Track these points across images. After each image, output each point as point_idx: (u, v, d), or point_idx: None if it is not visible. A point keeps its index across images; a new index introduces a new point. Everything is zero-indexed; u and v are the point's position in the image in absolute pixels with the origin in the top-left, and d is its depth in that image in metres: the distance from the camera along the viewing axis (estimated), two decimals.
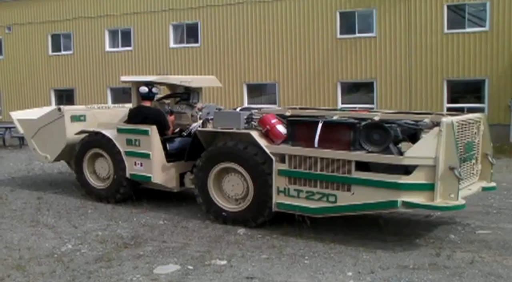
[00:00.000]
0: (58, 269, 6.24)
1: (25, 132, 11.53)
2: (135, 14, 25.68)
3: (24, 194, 10.69)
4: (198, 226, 8.03)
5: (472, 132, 7.41)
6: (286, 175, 7.57)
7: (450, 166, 6.59)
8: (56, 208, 9.43)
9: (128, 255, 6.70)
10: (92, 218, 8.66)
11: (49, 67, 28.20)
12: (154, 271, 6.14)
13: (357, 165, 7.02)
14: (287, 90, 22.95)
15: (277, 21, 22.85)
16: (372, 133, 6.95)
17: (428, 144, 6.69)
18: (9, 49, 29.35)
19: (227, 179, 8.17)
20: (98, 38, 26.81)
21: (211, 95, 24.10)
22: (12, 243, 7.30)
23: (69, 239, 7.45)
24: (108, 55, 26.67)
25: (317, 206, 7.37)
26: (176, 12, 24.83)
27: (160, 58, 25.34)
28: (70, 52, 27.69)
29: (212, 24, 24.14)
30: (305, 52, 22.45)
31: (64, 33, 27.77)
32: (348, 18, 21.89)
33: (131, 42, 26.06)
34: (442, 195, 6.66)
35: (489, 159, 7.82)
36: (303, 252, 6.75)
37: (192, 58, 24.67)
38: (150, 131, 9.13)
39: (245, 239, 7.37)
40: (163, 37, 25.19)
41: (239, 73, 23.79)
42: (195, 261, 6.46)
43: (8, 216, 8.89)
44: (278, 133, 7.70)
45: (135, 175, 9.43)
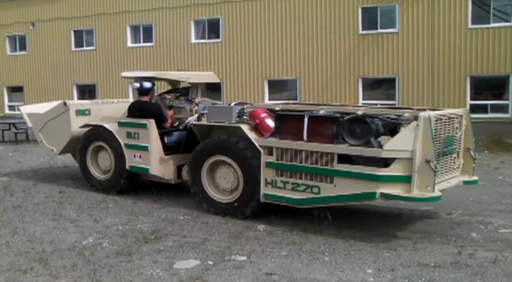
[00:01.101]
0: (79, 262, 6.30)
1: (33, 125, 11.88)
2: (157, 9, 25.78)
3: (47, 188, 10.81)
4: (218, 222, 8.04)
5: (453, 127, 7.59)
6: (273, 167, 7.83)
7: (427, 159, 6.79)
8: (77, 202, 9.52)
9: (148, 250, 6.73)
10: (113, 212, 8.72)
11: (72, 63, 28.46)
12: (174, 266, 6.16)
13: (340, 158, 7.23)
14: (308, 86, 22.87)
15: (299, 17, 22.77)
16: (354, 127, 7.17)
17: (405, 138, 6.88)
18: (33, 45, 29.68)
19: (219, 171, 8.48)
20: (119, 34, 26.98)
21: (232, 91, 24.17)
22: (35, 236, 7.38)
23: (90, 233, 7.51)
24: (130, 51, 26.82)
25: (302, 197, 7.61)
26: (197, 7, 24.87)
27: (181, 53, 25.42)
28: (92, 48, 27.91)
29: (233, 20, 24.14)
30: (327, 48, 22.35)
31: (87, 29, 28.00)
32: (370, 14, 21.72)
33: (153, 38, 26.17)
34: (419, 187, 6.85)
35: (471, 153, 8.00)
36: (323, 249, 6.72)
37: (214, 53, 24.70)
38: (148, 125, 9.46)
39: (264, 235, 7.36)
40: (185, 33, 25.26)
41: (260, 69, 23.76)
42: (215, 257, 6.46)
43: (31, 209, 9.00)
44: (267, 127, 7.95)
45: (134, 166, 9.75)
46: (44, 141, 11.60)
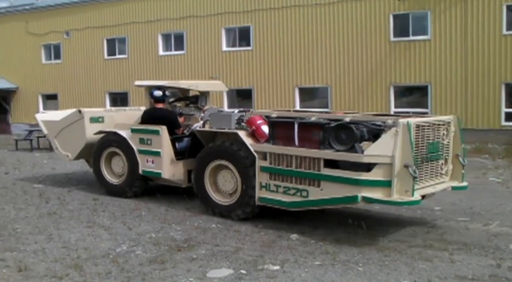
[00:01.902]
0: (113, 269, 6.33)
1: (49, 132, 12.29)
2: (188, 18, 26.01)
3: (81, 195, 10.93)
4: (250, 230, 8.02)
5: (438, 134, 7.73)
6: (267, 171, 8.17)
7: (405, 164, 6.97)
8: (111, 209, 9.60)
9: (182, 258, 6.74)
10: (146, 220, 8.77)
11: (104, 71, 28.89)
12: (207, 275, 6.15)
13: (327, 163, 7.50)
14: (339, 94, 22.78)
15: (330, 24, 22.73)
16: (340, 133, 7.42)
17: (385, 143, 7.08)
18: (67, 53, 30.21)
19: (220, 175, 8.90)
20: (151, 42, 27.29)
21: (263, 98, 24.20)
22: (70, 243, 7.46)
23: (123, 241, 7.55)
24: (161, 59, 27.10)
25: (292, 200, 7.91)
26: (228, 15, 25.01)
27: (212, 61, 25.57)
28: (124, 56, 28.29)
29: (264, 28, 24.21)
30: (358, 55, 22.25)
31: (119, 38, 28.40)
32: (402, 21, 21.57)
33: (184, 46, 26.40)
34: (399, 191, 7.05)
35: (460, 159, 8.14)
36: (357, 259, 6.64)
37: (244, 61, 24.79)
38: (160, 131, 9.88)
39: (298, 244, 7.31)
40: (216, 41, 25.42)
41: (291, 77, 23.76)
42: (248, 266, 6.44)
43: (65, 216, 9.11)
44: (262, 133, 8.34)
45: (147, 171, 10.16)
46: (59, 147, 12.01)
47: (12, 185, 12.28)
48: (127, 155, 10.44)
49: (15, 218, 9.04)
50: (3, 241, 7.59)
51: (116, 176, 10.88)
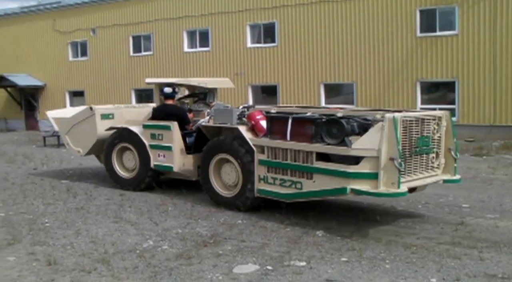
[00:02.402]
0: (140, 264, 6.38)
1: (60, 129, 12.70)
2: (213, 15, 26.05)
3: (107, 190, 11.04)
4: (276, 226, 8.01)
5: (428, 128, 7.91)
6: (265, 164, 8.50)
7: (391, 157, 7.17)
8: (137, 204, 9.68)
9: (208, 253, 6.75)
10: (172, 215, 8.81)
11: (130, 68, 29.10)
12: (234, 270, 6.15)
13: (319, 156, 7.78)
14: (365, 90, 22.62)
15: (355, 20, 22.56)
16: (331, 127, 7.68)
17: (372, 137, 7.29)
18: (93, 50, 30.51)
19: (224, 168, 9.27)
20: (176, 39, 27.41)
21: (288, 95, 24.15)
22: (97, 238, 7.54)
23: (150, 236, 7.60)
24: (186, 56, 27.21)
25: (287, 192, 8.22)
26: (253, 12, 24.99)
27: (237, 58, 25.59)
28: (150, 53, 28.46)
29: (289, 24, 24.14)
30: (384, 51, 22.05)
31: (145, 35, 28.57)
32: (429, 16, 21.30)
33: (209, 43, 26.45)
34: (385, 183, 7.26)
35: (452, 153, 8.33)
36: (384, 256, 6.58)
37: (269, 58, 24.76)
38: (172, 127, 10.26)
39: (324, 240, 7.28)
40: (240, 37, 25.42)
41: (316, 73, 23.66)
42: (274, 262, 6.43)
43: (93, 211, 9.21)
44: (261, 128, 8.72)
45: (158, 165, 10.55)
46: (70, 143, 12.36)
47: (40, 180, 12.46)
48: (138, 150, 10.81)
49: (43, 212, 9.17)
50: (32, 235, 7.70)
51: (127, 170, 11.25)
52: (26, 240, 7.44)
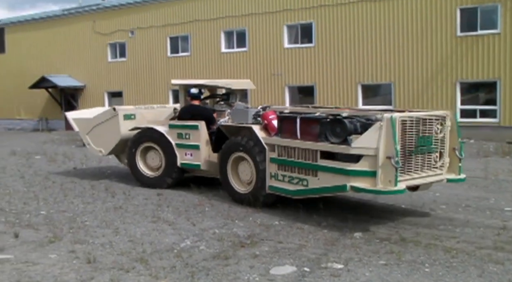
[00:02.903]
0: (177, 264, 6.42)
1: (80, 130, 12.91)
2: (250, 15, 26.11)
3: (145, 190, 11.14)
4: (314, 228, 7.96)
5: (430, 128, 8.02)
6: (275, 162, 8.88)
7: (388, 156, 7.40)
8: (175, 204, 9.74)
9: (245, 254, 6.75)
10: (210, 216, 8.85)
11: (168, 69, 29.38)
12: (271, 272, 6.13)
13: (323, 154, 8.07)
14: (403, 90, 22.34)
15: (393, 19, 22.32)
16: (335, 127, 7.97)
17: (371, 136, 7.53)
18: (131, 51, 30.91)
19: (241, 166, 9.65)
20: (214, 39, 27.56)
21: (325, 95, 24.02)
22: (136, 237, 7.61)
23: (187, 236, 7.64)
24: (224, 56, 27.32)
25: (295, 188, 8.56)
26: (290, 12, 24.95)
27: (274, 58, 25.58)
28: (187, 54, 28.68)
29: (326, 24, 24.02)
30: (423, 51, 21.75)
31: (182, 36, 28.82)
32: (470, 15, 20.92)
33: (246, 43, 26.51)
34: (383, 181, 7.49)
35: (457, 153, 8.40)
36: (423, 259, 6.47)
37: (306, 58, 24.68)
38: (199, 126, 10.63)
39: (362, 243, 7.20)
40: (277, 38, 25.41)
41: (354, 73, 23.48)
42: (311, 263, 6.39)
43: (131, 210, 9.31)
44: (273, 127, 9.03)
45: (185, 163, 10.92)
46: (91, 143, 12.67)
47: (80, 179, 12.66)
48: (164, 149, 11.14)
49: (83, 211, 9.32)
50: (73, 233, 7.83)
51: (151, 169, 11.56)
52: (66, 238, 7.57)
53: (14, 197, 10.69)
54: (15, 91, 36.01)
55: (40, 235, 7.77)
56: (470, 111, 21.03)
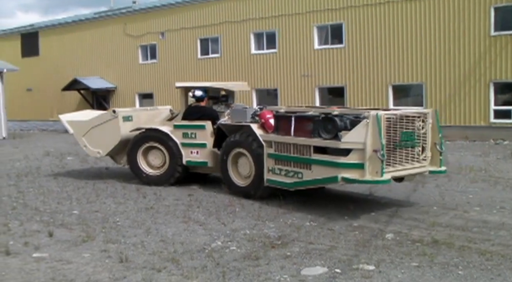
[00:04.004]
0: (209, 264, 6.44)
1: (76, 132, 13.20)
2: (280, 16, 26.10)
3: (176, 191, 11.22)
4: (345, 229, 7.92)
5: (413, 125, 8.73)
6: (273, 157, 9.64)
7: (374, 149, 8.13)
8: (205, 205, 9.79)
9: (275, 255, 6.75)
10: (240, 216, 8.86)
11: (198, 70, 29.54)
12: (302, 272, 6.11)
13: (316, 149, 8.83)
14: (434, 91, 22.07)
15: (424, 19, 22.06)
16: (326, 124, 8.77)
17: (358, 132, 8.27)
18: (162, 53, 31.17)
19: (240, 161, 10.38)
20: (244, 41, 27.62)
21: (356, 96, 23.88)
22: (167, 237, 7.67)
23: (218, 236, 7.67)
24: (253, 58, 27.36)
25: (291, 181, 9.31)
26: (320, 13, 24.87)
27: (304, 59, 25.52)
28: (217, 56, 28.79)
29: (356, 25, 23.87)
30: (455, 50, 21.45)
31: (212, 37, 28.95)
32: (504, 14, 20.55)
33: (276, 44, 26.50)
34: (371, 172, 8.24)
35: (437, 147, 9.11)
36: (456, 262, 6.37)
37: (336, 59, 24.56)
38: (206, 126, 11.28)
39: (393, 244, 7.13)
40: (307, 39, 25.34)
41: (384, 74, 23.29)
42: (343, 265, 6.35)
43: (162, 211, 9.38)
44: (270, 125, 9.80)
45: (191, 161, 11.51)
46: (88, 144, 12.97)
47: (111, 180, 12.81)
48: (168, 148, 11.66)
49: (115, 211, 9.43)
50: (105, 233, 7.92)
51: (153, 167, 12.03)
52: (99, 238, 7.67)
53: (48, 197, 10.87)
54: (49, 93, 36.67)
55: (73, 234, 7.89)
56: (504, 112, 20.66)
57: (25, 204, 10.25)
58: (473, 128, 21.09)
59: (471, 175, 12.48)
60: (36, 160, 17.41)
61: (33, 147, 22.52)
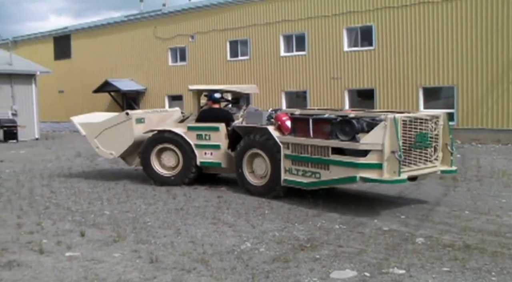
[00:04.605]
0: (238, 266, 6.46)
1: (88, 133, 13.43)
2: (310, 19, 26.05)
3: (205, 193, 11.29)
4: (374, 232, 7.86)
5: (426, 126, 9.22)
6: (290, 158, 10.01)
7: (392, 150, 8.55)
8: (235, 207, 9.82)
9: (305, 257, 6.73)
10: (269, 218, 8.87)
11: (227, 72, 29.64)
12: (331, 276, 6.09)
13: (334, 150, 9.19)
14: (466, 93, 21.75)
15: (456, 20, 21.78)
16: (344, 126, 9.12)
17: (377, 134, 8.67)
18: (191, 55, 31.37)
19: (255, 162, 10.75)
20: (273, 43, 27.62)
21: (386, 98, 23.68)
22: (196, 238, 7.71)
23: (247, 238, 7.68)
24: (283, 60, 27.34)
25: (308, 181, 9.68)
26: (350, 15, 24.74)
27: (333, 61, 25.41)
28: (246, 58, 28.85)
29: (386, 26, 23.69)
30: (488, 52, 21.12)
31: (241, 40, 29.01)
32: None
33: (305, 47, 26.44)
34: (388, 172, 8.65)
35: (448, 148, 9.54)
36: (489, 268, 6.26)
37: (366, 61, 24.40)
38: (220, 128, 11.60)
39: (424, 248, 7.05)
40: (337, 41, 25.23)
41: (415, 76, 23.04)
42: (372, 268, 6.30)
43: (192, 212, 9.44)
44: (286, 127, 10.14)
45: (205, 162, 11.83)
46: (100, 146, 13.22)
47: (141, 181, 12.92)
48: (182, 149, 11.92)
49: (145, 212, 9.52)
50: (136, 233, 8.01)
51: (166, 168, 12.28)
52: (130, 238, 7.75)
53: (79, 197, 11.04)
54: (80, 95, 37.19)
55: (104, 234, 7.99)
56: None
57: (58, 203, 10.43)
58: (506, 131, 20.74)
59: (503, 179, 12.27)
60: (68, 161, 17.69)
61: (64, 148, 22.90)
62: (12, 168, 16.34)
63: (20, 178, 13.99)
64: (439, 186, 11.52)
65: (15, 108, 28.83)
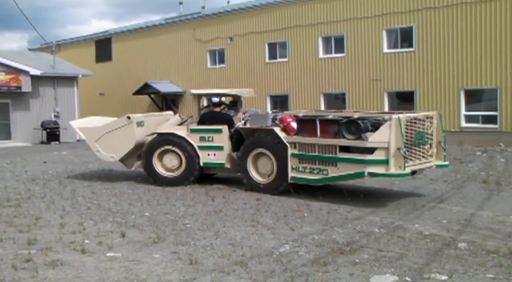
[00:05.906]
0: (277, 268, 6.44)
1: (88, 137, 13.65)
2: (349, 20, 25.84)
3: (244, 195, 11.31)
4: (415, 237, 7.73)
5: (424, 125, 10.20)
6: (297, 157, 10.71)
7: (398, 147, 9.47)
8: (273, 209, 9.81)
9: (344, 261, 6.67)
10: (308, 221, 8.83)
11: (266, 75, 29.64)
12: (371, 280, 6.02)
13: (341, 148, 9.97)
14: (510, 96, 21.21)
15: (499, 21, 21.28)
16: (350, 126, 9.91)
17: (383, 133, 9.54)
18: (230, 58, 31.49)
19: (260, 161, 11.40)
20: (311, 45, 27.50)
21: (426, 100, 23.32)
22: (235, 240, 7.73)
23: (286, 241, 7.66)
24: (321, 62, 27.21)
25: (316, 177, 10.46)
26: (389, 16, 24.45)
27: (372, 63, 25.15)
28: (285, 60, 28.80)
29: (427, 28, 23.31)
30: None
31: (280, 42, 28.97)
32: None
33: (344, 48, 26.26)
34: (394, 167, 9.54)
35: (442, 144, 10.61)
36: None
37: (406, 63, 24.07)
38: (223, 130, 12.12)
39: (466, 254, 6.90)
40: (377, 43, 24.96)
41: (456, 78, 22.61)
42: (413, 273, 6.20)
43: (230, 214, 9.47)
44: (292, 128, 10.83)
45: (208, 163, 12.36)
46: (101, 150, 13.43)
47: None
48: (185, 151, 12.34)
49: (184, 214, 9.59)
50: (175, 235, 8.07)
51: (168, 170, 12.68)
52: (169, 240, 7.82)
53: (120, 198, 11.20)
54: (120, 97, 37.77)
55: (144, 236, 8.08)
56: None
57: (99, 204, 10.60)
58: None
59: None
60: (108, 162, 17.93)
61: None
62: (54, 168, 16.71)
63: (62, 178, 14.28)
64: (481, 190, 11.28)
65: (58, 110, 29.47)
